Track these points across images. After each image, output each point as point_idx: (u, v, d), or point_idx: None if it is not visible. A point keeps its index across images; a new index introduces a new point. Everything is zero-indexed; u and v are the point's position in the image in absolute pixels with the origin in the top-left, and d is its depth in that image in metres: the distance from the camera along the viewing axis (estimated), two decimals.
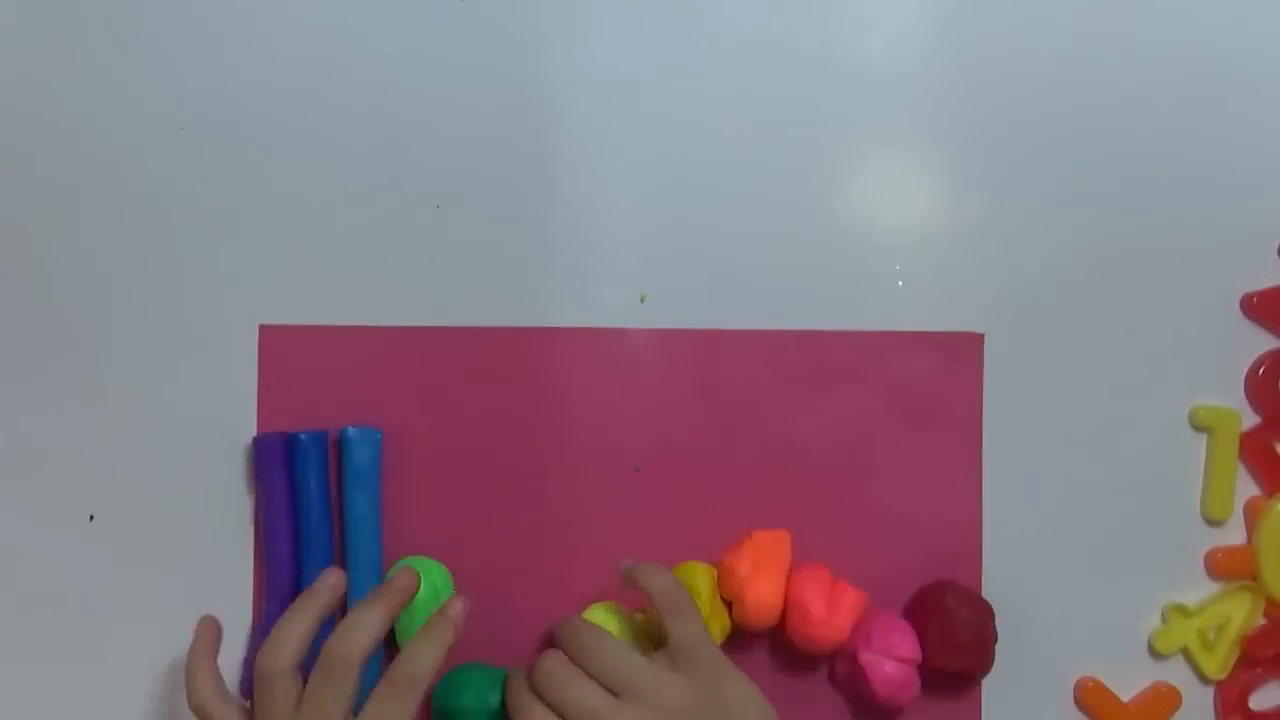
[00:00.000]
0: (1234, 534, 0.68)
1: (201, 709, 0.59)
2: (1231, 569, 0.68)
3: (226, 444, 0.66)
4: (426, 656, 0.59)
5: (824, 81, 0.68)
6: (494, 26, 0.68)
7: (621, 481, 0.67)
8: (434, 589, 0.64)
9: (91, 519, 0.66)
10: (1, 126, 0.67)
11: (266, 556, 0.65)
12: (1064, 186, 0.68)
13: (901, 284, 0.68)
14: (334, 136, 0.67)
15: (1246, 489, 0.68)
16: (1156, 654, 0.68)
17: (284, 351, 0.67)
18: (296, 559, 0.65)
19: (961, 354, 0.68)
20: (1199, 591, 0.68)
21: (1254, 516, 0.68)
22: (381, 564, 0.65)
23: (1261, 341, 0.69)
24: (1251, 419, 0.68)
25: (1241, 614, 0.67)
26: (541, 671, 0.60)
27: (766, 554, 0.64)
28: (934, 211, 0.69)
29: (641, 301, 0.67)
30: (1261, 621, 0.68)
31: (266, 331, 0.67)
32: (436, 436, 0.66)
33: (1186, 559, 0.68)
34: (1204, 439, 0.68)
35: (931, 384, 0.68)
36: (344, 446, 0.65)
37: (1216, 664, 0.68)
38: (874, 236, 0.68)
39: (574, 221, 0.67)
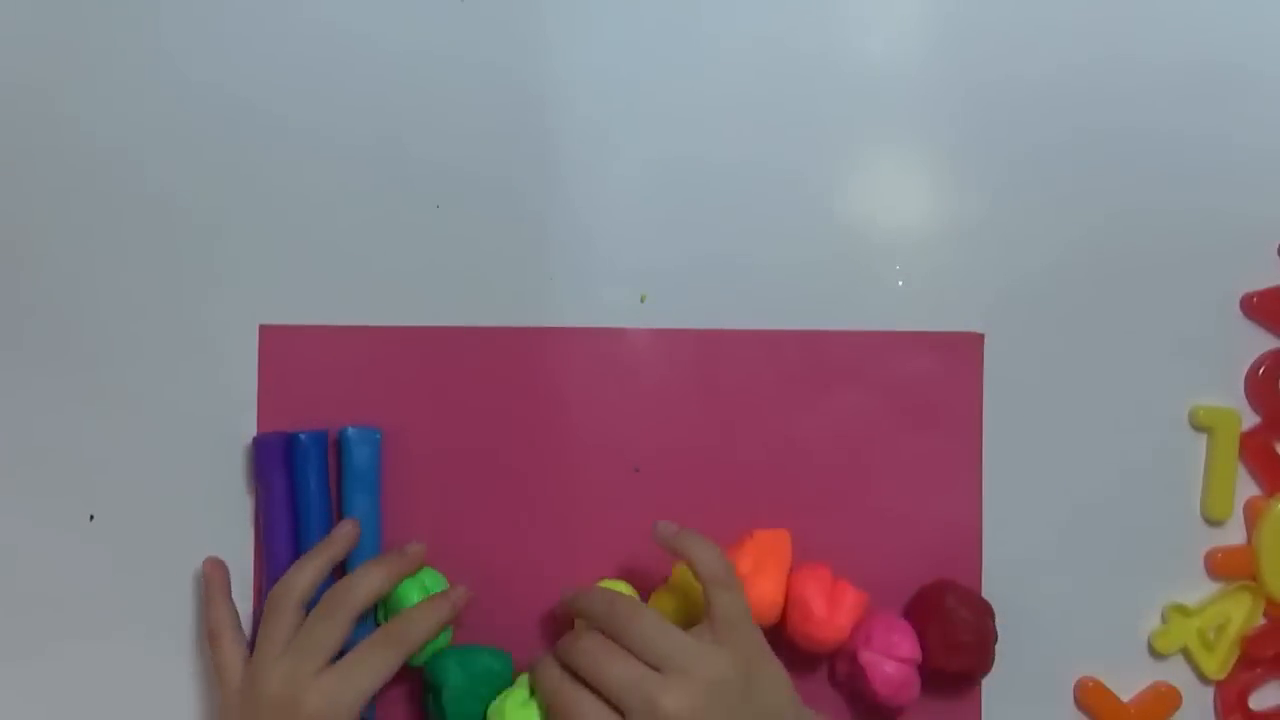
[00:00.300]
0: (1234, 534, 0.68)
1: (216, 635, 0.63)
2: (1231, 569, 0.68)
3: (226, 444, 0.66)
4: (423, 622, 0.62)
5: (824, 81, 0.68)
6: (494, 26, 0.68)
7: (621, 481, 0.67)
8: (427, 595, 0.64)
9: (91, 519, 0.66)
10: (1, 126, 0.67)
11: (266, 556, 0.65)
12: (1064, 187, 0.68)
13: (901, 284, 0.68)
14: (334, 137, 0.67)
15: (1246, 489, 0.68)
16: (1156, 654, 0.68)
17: (284, 351, 0.67)
18: (296, 559, 0.65)
19: (961, 354, 0.68)
20: (1199, 591, 0.68)
21: (1254, 516, 0.68)
22: None
23: (1261, 341, 0.69)
24: (1251, 419, 0.68)
25: (1241, 614, 0.67)
26: (578, 650, 0.59)
27: (767, 553, 0.64)
28: (934, 212, 0.69)
29: (641, 301, 0.67)
30: (1261, 621, 0.68)
31: (266, 331, 0.67)
32: (436, 436, 0.66)
33: (1186, 559, 0.68)
34: (1204, 439, 0.68)
35: (931, 384, 0.68)
36: (344, 446, 0.65)
37: (1216, 664, 0.68)
38: (874, 236, 0.68)
39: (574, 221, 0.67)
